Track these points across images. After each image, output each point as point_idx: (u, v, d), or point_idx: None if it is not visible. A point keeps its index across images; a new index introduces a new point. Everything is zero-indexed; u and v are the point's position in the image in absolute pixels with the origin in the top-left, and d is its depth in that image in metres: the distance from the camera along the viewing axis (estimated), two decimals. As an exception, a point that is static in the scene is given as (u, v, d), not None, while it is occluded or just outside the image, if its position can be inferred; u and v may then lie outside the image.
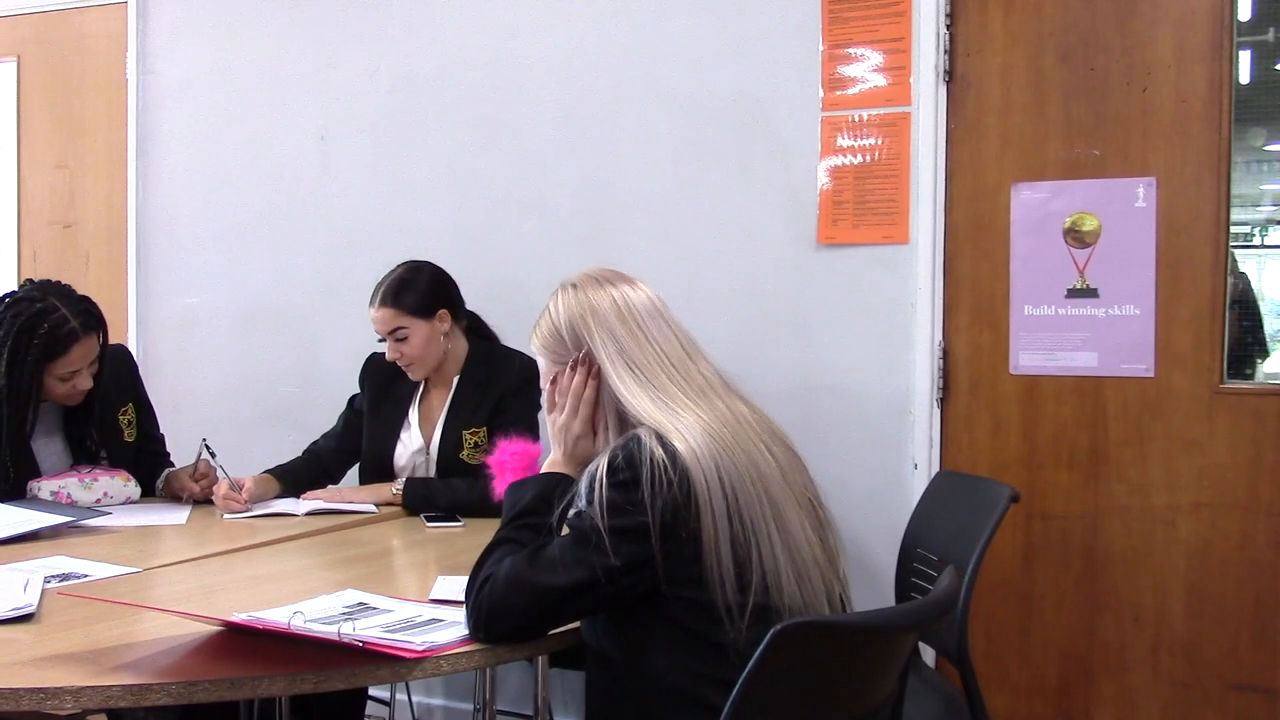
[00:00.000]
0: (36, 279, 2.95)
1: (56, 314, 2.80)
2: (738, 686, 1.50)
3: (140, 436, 3.13)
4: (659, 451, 1.69)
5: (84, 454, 2.99)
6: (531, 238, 3.60)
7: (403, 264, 3.07)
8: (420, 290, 2.99)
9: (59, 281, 2.91)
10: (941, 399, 3.19)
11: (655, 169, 3.46)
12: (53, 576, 2.15)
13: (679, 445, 1.70)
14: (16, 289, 2.91)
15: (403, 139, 3.78)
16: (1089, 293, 3.06)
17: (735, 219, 3.37)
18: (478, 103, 3.68)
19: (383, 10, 3.81)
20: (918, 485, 3.10)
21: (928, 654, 2.93)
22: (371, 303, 3.00)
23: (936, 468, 3.15)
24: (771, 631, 1.49)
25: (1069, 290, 3.08)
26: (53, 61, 4.39)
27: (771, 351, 3.32)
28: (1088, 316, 3.06)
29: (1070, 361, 3.09)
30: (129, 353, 3.27)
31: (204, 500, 3.01)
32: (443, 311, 3.01)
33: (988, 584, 3.10)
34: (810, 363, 3.28)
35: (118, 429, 3.07)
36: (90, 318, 2.86)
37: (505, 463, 2.08)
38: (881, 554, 3.04)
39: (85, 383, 2.87)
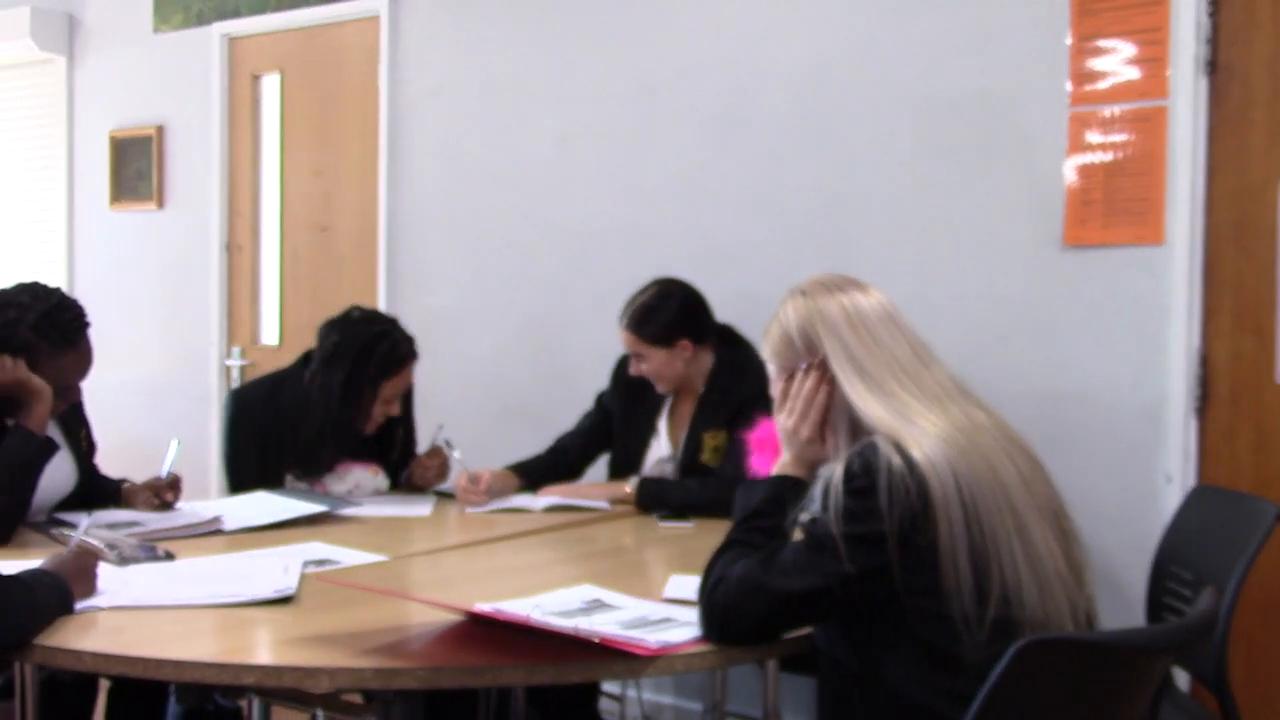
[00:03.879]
0: (364, 308, 3.14)
1: (396, 333, 3.03)
2: (977, 702, 1.46)
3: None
4: (895, 459, 1.67)
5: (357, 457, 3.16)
6: (766, 240, 3.59)
7: (655, 285, 3.06)
8: (664, 320, 2.98)
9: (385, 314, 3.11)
10: (1199, 409, 3.01)
11: (892, 170, 3.39)
12: (310, 561, 2.28)
13: (915, 453, 1.67)
14: (351, 311, 3.11)
15: (638, 143, 3.84)
16: (1368, 297, 2.83)
17: (975, 220, 3.27)
18: (713, 106, 3.69)
19: (620, 16, 3.87)
20: (1171, 500, 2.94)
21: (1181, 678, 2.77)
22: (620, 319, 3.03)
23: (1192, 482, 2.98)
24: (1014, 646, 1.45)
25: (1345, 294, 2.86)
26: (311, 74, 4.65)
27: (1013, 357, 3.20)
28: (1367, 322, 2.83)
29: (1345, 371, 2.86)
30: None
31: (446, 494, 3.12)
32: (684, 341, 3.00)
33: (1250, 606, 2.90)
34: (1055, 369, 3.16)
35: (392, 443, 3.22)
36: (414, 344, 3.06)
37: (765, 440, 2.06)
38: (1131, 571, 2.90)
39: (395, 410, 3.06)
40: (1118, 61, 3.07)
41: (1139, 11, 3.04)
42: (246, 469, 3.03)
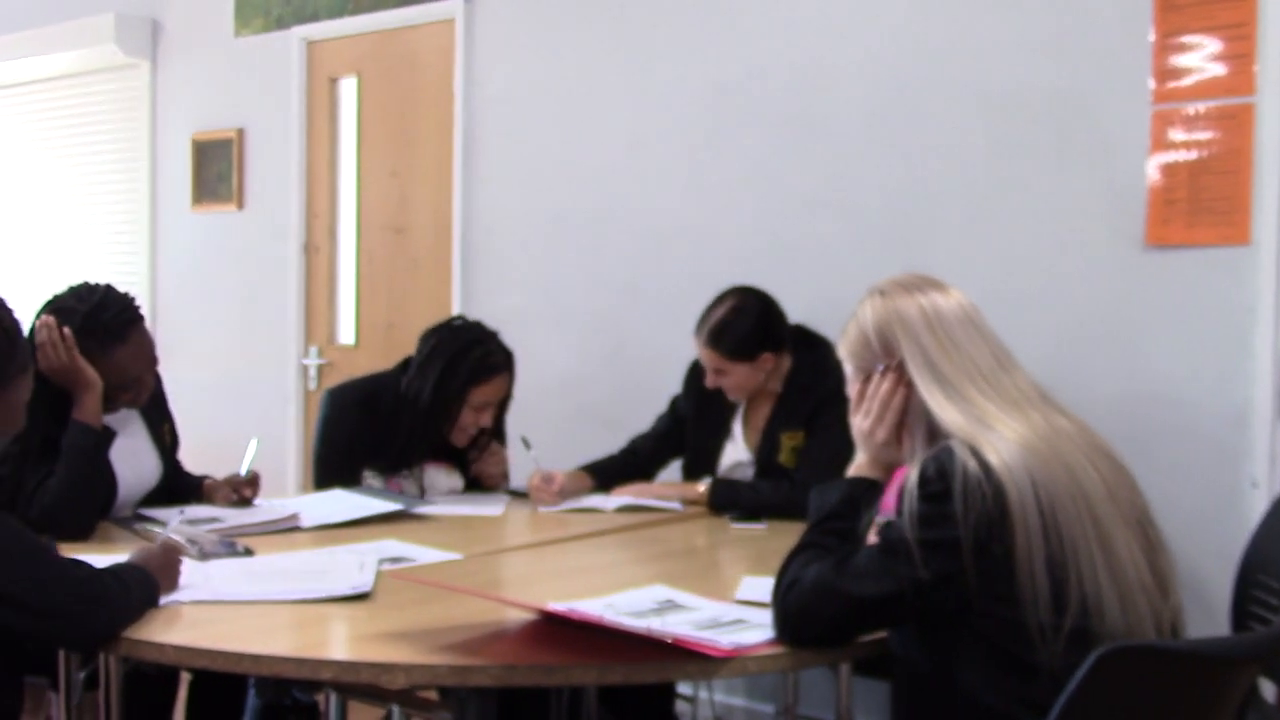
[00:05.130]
0: (467, 319, 3.18)
1: (490, 343, 3.05)
2: (1055, 711, 1.44)
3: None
4: (972, 464, 1.65)
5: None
6: (839, 240, 3.56)
7: (731, 297, 3.01)
8: (743, 335, 2.94)
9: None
10: (1286, 413, 2.94)
11: (968, 169, 3.35)
12: (385, 559, 2.30)
13: (992, 458, 1.65)
14: (453, 319, 3.17)
15: (710, 143, 3.83)
16: None
17: (1054, 220, 3.22)
18: (786, 106, 3.68)
19: (692, 18, 3.86)
20: (1257, 505, 2.87)
21: (1268, 689, 2.71)
22: (696, 333, 3.00)
23: (1279, 487, 2.91)
24: (1095, 654, 1.43)
25: None
26: (388, 77, 4.70)
27: (1093, 360, 3.15)
28: None
29: None
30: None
31: (519, 493, 3.14)
32: (765, 355, 2.97)
33: (1337, 617, 2.83)
34: (1136, 372, 3.10)
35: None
36: (513, 359, 3.09)
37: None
38: (1214, 579, 2.83)
39: (486, 420, 3.08)
40: (1202, 58, 3.01)
41: (1225, 6, 2.98)
42: (335, 468, 3.07)
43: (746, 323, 2.95)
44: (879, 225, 3.50)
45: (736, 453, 3.08)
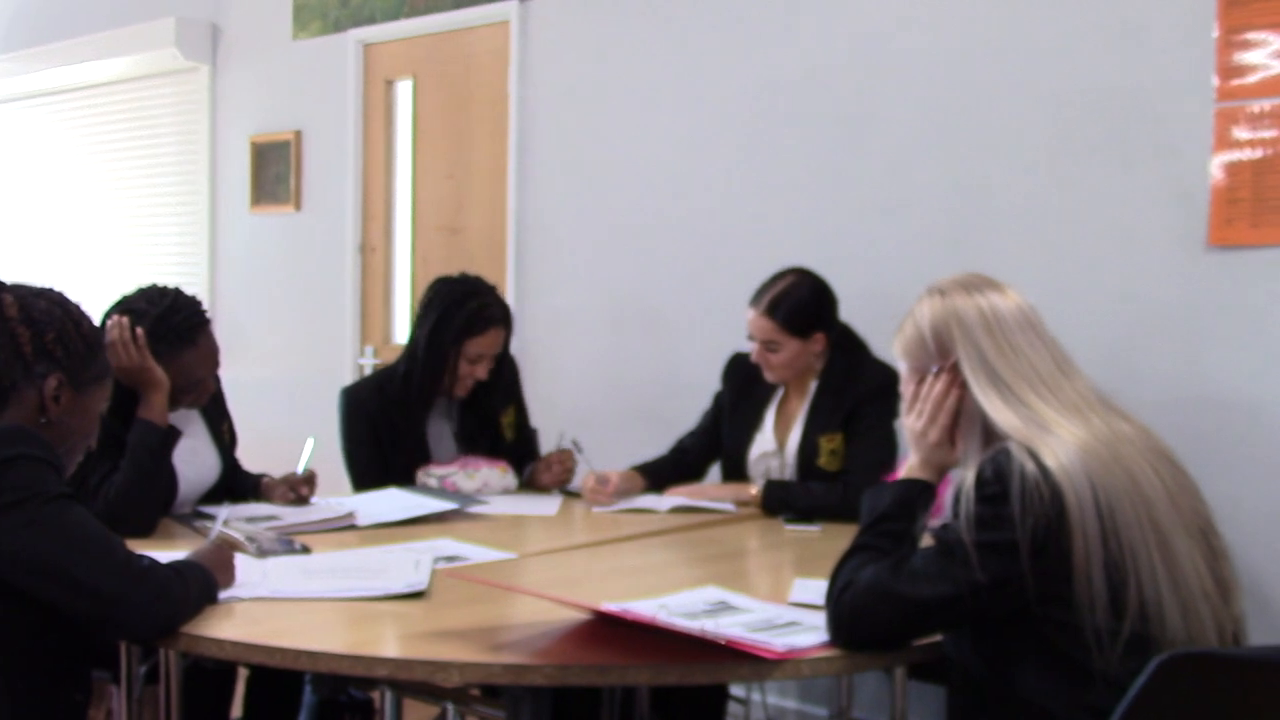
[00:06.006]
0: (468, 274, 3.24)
1: (486, 296, 3.12)
2: (1116, 717, 1.42)
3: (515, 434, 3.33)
4: (1030, 466, 1.63)
5: (470, 448, 3.21)
6: (896, 241, 3.54)
7: (792, 272, 3.04)
8: (802, 309, 2.95)
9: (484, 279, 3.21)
10: (1353, 417, 2.88)
11: (1027, 169, 3.32)
12: (440, 558, 2.31)
13: (1050, 461, 1.63)
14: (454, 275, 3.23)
15: (766, 142, 3.82)
16: None
17: (1114, 220, 3.18)
18: (841, 105, 3.66)
19: (747, 16, 3.85)
20: (1323, 511, 2.82)
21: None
22: (753, 303, 3.00)
23: (1345, 493, 2.85)
24: (1156, 661, 1.41)
25: None
26: (443, 79, 4.73)
27: (1154, 362, 3.10)
28: None
29: None
30: (514, 360, 3.47)
31: (572, 493, 3.15)
32: (819, 335, 2.97)
33: (1407, 625, 2.77)
34: (1199, 375, 3.05)
35: (500, 429, 3.27)
36: (509, 313, 3.16)
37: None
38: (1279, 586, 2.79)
39: (482, 373, 3.11)
40: (1267, 54, 2.96)
41: (1291, 3, 2.92)
42: (366, 460, 3.12)
43: (805, 296, 2.97)
44: (937, 225, 3.47)
45: (765, 443, 3.07)
